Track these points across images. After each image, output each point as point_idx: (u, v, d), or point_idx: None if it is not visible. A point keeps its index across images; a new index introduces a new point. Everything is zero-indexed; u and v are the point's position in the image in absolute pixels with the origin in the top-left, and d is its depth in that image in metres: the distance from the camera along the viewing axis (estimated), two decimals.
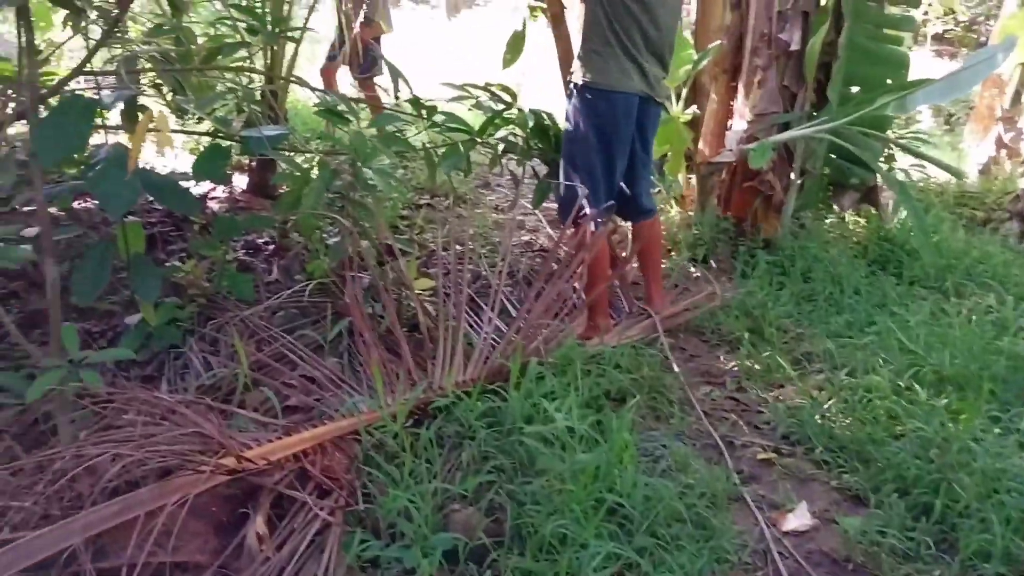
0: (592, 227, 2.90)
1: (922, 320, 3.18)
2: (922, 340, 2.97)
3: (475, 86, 3.40)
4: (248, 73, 3.82)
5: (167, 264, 3.40)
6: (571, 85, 3.04)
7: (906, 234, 4.07)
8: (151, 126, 2.30)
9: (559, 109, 3.30)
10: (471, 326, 2.93)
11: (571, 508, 1.90)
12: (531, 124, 3.40)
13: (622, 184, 3.14)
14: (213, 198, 4.53)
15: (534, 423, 2.23)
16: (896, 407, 2.51)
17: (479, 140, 3.39)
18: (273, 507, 2.06)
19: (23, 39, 2.28)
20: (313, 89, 3.60)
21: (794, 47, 4.03)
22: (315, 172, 2.89)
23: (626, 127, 2.99)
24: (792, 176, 4.16)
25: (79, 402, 2.37)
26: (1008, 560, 1.91)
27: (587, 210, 2.96)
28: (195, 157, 3.14)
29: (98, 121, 2.80)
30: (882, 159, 4.24)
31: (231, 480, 2.01)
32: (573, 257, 2.90)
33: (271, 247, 3.94)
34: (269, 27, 3.17)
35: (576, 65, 3.01)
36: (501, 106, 3.39)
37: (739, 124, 4.24)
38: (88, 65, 2.69)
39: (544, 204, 3.76)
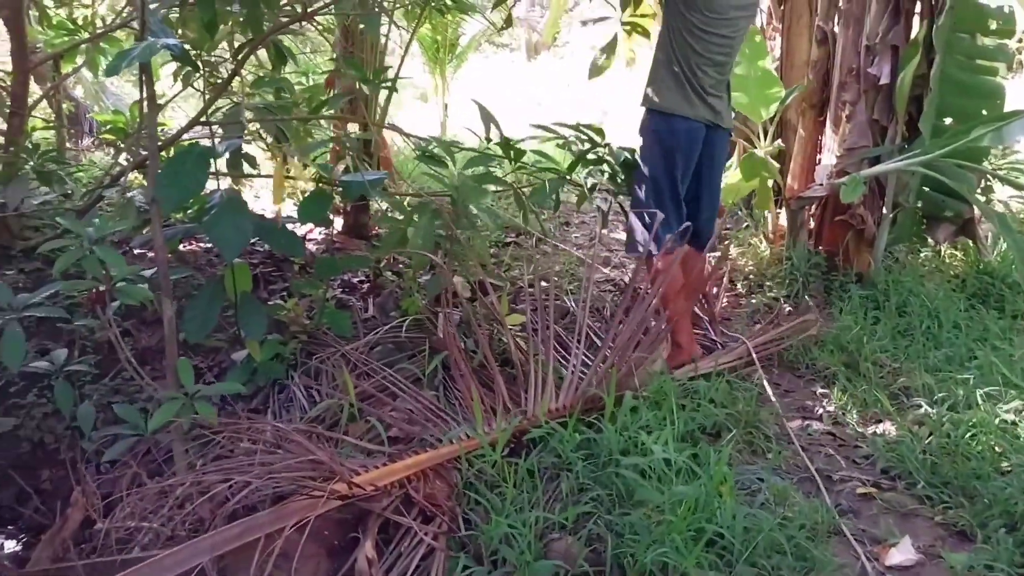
0: (664, 251, 2.99)
1: None
2: None
3: (564, 125, 3.51)
4: (346, 122, 4.03)
5: (269, 303, 3.58)
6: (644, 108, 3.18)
7: (1007, 267, 3.96)
8: (287, 171, 2.45)
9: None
10: (560, 360, 2.99)
11: (670, 538, 1.93)
12: (619, 160, 3.48)
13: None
14: (311, 240, 4.75)
15: (630, 455, 2.27)
16: (1002, 442, 2.45)
17: (568, 178, 3.49)
18: (380, 532, 2.14)
19: (144, 91, 2.47)
20: (406, 135, 3.77)
21: (884, 81, 4.00)
22: (416, 215, 3.02)
23: (690, 152, 3.08)
24: (884, 210, 4.11)
25: (192, 432, 2.53)
26: None
27: (658, 236, 3.04)
28: (296, 201, 3.34)
29: None
30: (979, 191, 4.15)
31: (342, 505, 2.11)
32: (651, 284, 2.96)
33: (366, 286, 4.11)
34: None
35: (646, 88, 3.14)
36: (588, 145, 3.49)
37: (828, 158, 4.22)
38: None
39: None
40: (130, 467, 2.49)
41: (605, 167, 3.52)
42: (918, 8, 4.07)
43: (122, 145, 4.37)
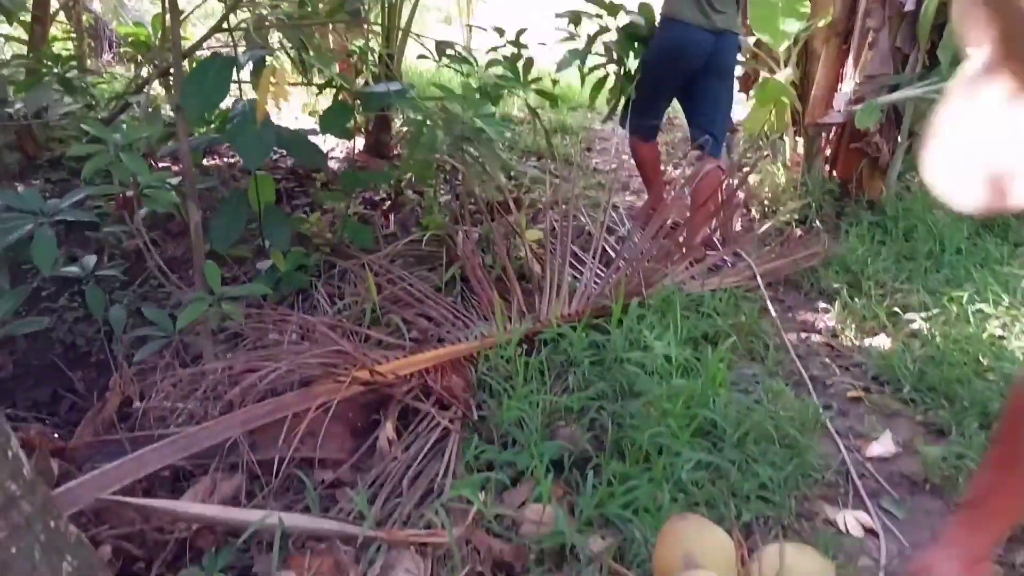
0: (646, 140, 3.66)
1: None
2: (1020, 294, 2.98)
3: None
4: (367, 33, 4.09)
5: (292, 217, 3.70)
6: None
7: None
8: (272, 80, 2.53)
9: None
10: (574, 274, 3.12)
11: (667, 424, 2.08)
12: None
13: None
14: (332, 158, 4.86)
15: (634, 354, 2.41)
16: (987, 353, 2.57)
17: (590, 51, 3.76)
18: (400, 417, 2.32)
19: (167, 2, 2.53)
20: (428, 47, 3.83)
21: (908, 8, 4.00)
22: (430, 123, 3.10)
23: (694, 58, 3.42)
24: (900, 139, 4.15)
25: (221, 335, 2.66)
26: None
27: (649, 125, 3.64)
28: (318, 117, 3.43)
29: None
30: None
31: (365, 391, 2.28)
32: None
33: (387, 203, 4.23)
34: None
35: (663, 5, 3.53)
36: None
37: (848, 86, 4.25)
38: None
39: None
40: (163, 357, 2.66)
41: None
42: None
43: (142, 60, 4.45)
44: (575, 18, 3.86)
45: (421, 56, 3.59)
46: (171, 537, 1.88)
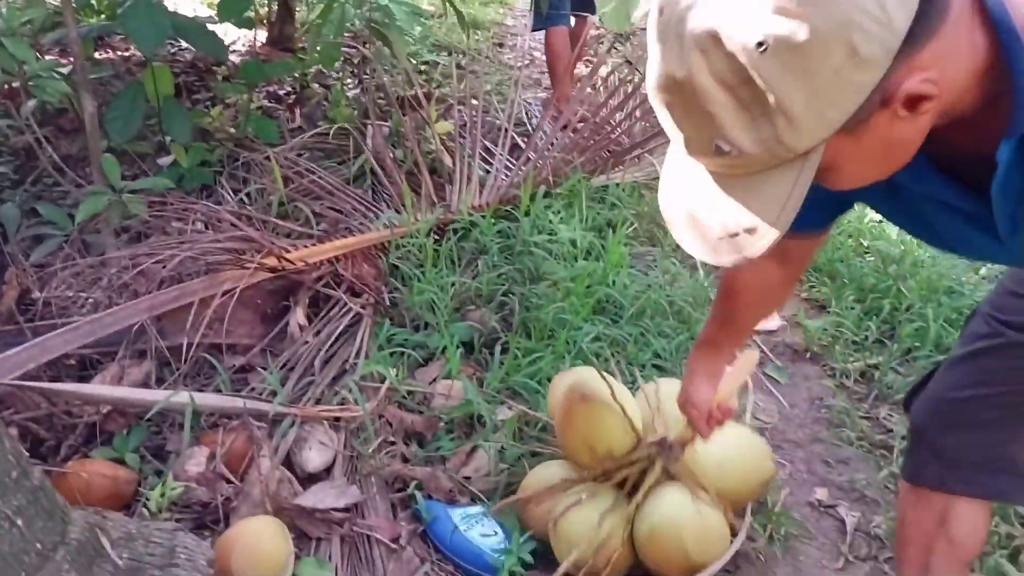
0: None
1: None
2: None
3: None
4: None
5: (193, 111, 3.57)
6: None
7: None
8: None
9: None
10: (485, 168, 3.14)
11: (570, 302, 2.18)
12: None
13: None
14: (234, 51, 4.66)
15: (542, 241, 2.49)
16: (867, 233, 2.76)
17: None
18: (311, 305, 2.34)
19: None
20: None
21: None
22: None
23: None
24: None
25: (124, 236, 2.58)
26: (939, 347, 2.21)
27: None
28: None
29: None
30: None
31: (273, 277, 2.28)
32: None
33: (293, 97, 4.11)
34: None
35: None
36: None
37: None
38: None
39: None
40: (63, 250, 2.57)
41: None
42: None
43: None
44: None
45: None
46: (80, 421, 1.88)
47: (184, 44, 4.15)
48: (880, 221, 2.92)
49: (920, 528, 1.31)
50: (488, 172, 3.07)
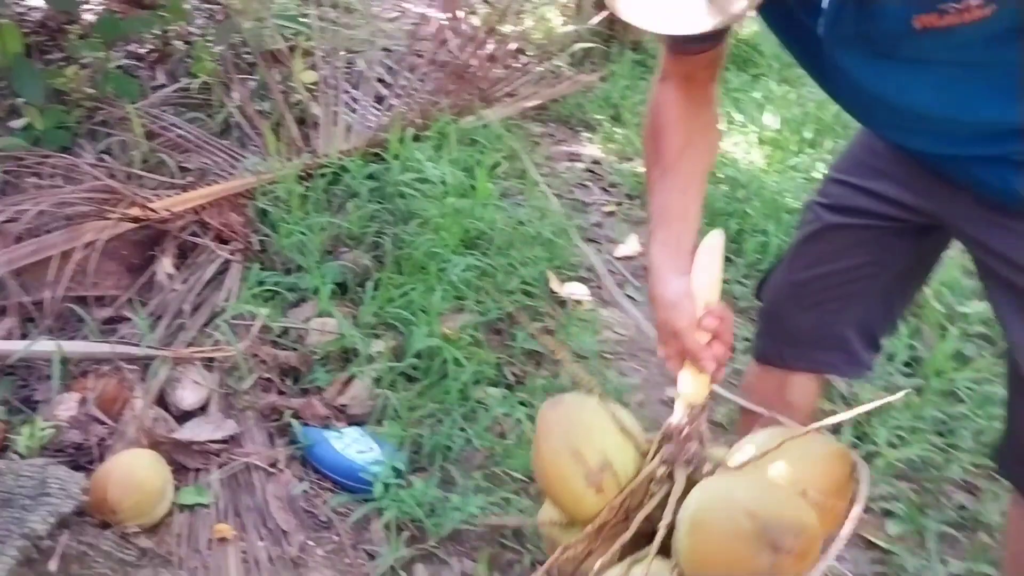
0: None
1: (758, 96, 3.63)
2: (749, 116, 3.42)
3: None
4: None
5: (46, 71, 3.42)
6: None
7: (758, 36, 4.46)
8: None
9: None
10: (352, 113, 3.16)
11: (440, 237, 2.26)
12: None
13: None
14: (88, 9, 4.45)
15: (413, 182, 2.55)
16: (721, 164, 2.95)
17: None
18: (179, 255, 2.33)
19: None
20: None
21: None
22: None
23: None
24: None
25: None
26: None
27: None
28: None
29: None
30: None
31: (138, 228, 2.26)
32: None
33: (155, 55, 3.98)
34: None
35: None
36: None
37: None
38: None
39: None
40: None
41: None
42: None
43: None
44: None
45: None
46: None
47: (33, 2, 3.94)
48: (730, 151, 3.13)
49: (763, 396, 1.39)
50: (355, 116, 3.09)
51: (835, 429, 1.85)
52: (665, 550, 0.98)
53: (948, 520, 1.73)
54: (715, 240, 1.14)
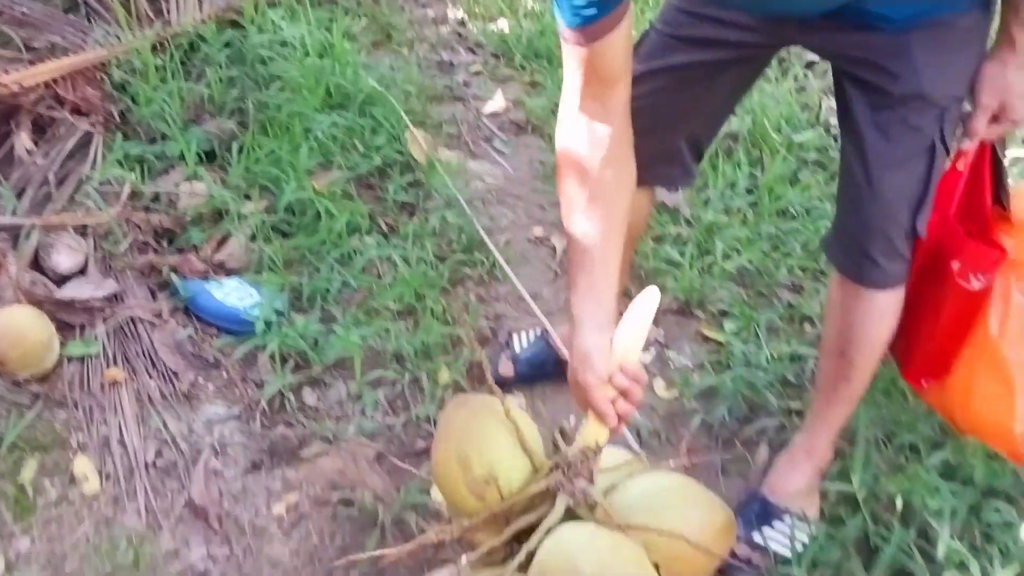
0: None
1: None
2: None
3: None
4: None
5: None
6: None
7: None
8: None
9: None
10: None
11: (304, 97, 2.29)
12: None
13: None
14: None
15: (272, 45, 2.54)
16: None
17: None
18: (36, 131, 2.28)
19: None
20: None
21: None
22: None
23: None
24: None
25: None
26: None
27: None
28: None
29: None
30: None
31: None
32: None
33: None
34: None
35: None
36: None
37: None
38: None
39: None
40: None
41: None
42: None
43: None
44: None
45: None
46: None
47: None
48: None
49: None
50: None
51: (679, 241, 2.06)
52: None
53: (777, 315, 1.97)
54: (648, 299, 1.14)
